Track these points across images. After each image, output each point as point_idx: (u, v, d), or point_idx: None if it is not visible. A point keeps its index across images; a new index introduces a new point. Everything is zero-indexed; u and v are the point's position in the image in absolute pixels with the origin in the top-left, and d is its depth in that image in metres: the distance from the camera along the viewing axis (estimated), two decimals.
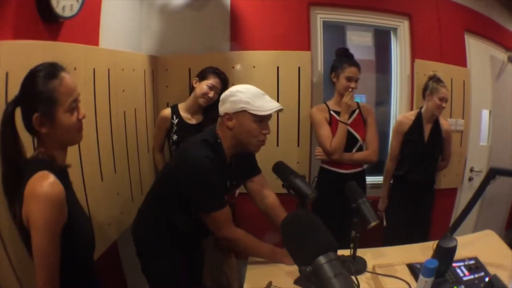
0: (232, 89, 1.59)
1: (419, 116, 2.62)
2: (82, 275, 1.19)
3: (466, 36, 3.24)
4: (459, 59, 3.18)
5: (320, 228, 0.90)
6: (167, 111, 2.42)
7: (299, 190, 1.59)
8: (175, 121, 2.40)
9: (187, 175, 1.54)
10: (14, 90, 1.14)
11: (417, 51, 2.97)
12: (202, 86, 2.33)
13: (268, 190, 1.80)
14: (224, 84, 2.36)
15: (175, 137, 2.40)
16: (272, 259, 1.62)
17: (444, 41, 3.10)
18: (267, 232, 1.75)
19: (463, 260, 1.52)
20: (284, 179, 1.65)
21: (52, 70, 1.11)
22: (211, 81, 2.33)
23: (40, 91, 1.08)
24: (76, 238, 1.12)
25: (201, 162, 1.51)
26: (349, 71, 2.39)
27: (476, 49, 3.30)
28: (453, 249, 1.37)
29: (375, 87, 3.12)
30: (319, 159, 2.56)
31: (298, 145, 2.78)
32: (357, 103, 2.53)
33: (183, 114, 2.41)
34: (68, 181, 1.20)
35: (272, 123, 2.65)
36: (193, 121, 2.42)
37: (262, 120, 1.55)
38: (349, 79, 2.39)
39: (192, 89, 2.42)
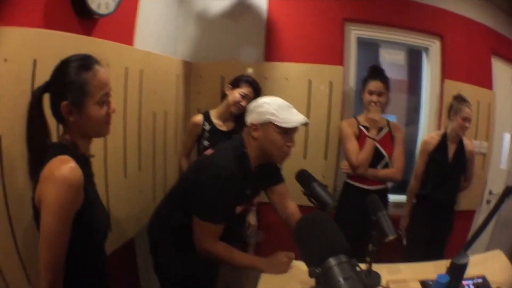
0: (259, 100, 1.61)
1: (444, 136, 2.62)
2: (90, 263, 1.18)
3: (492, 59, 3.25)
4: (486, 81, 3.18)
5: (334, 230, 0.89)
6: (199, 117, 2.43)
7: (319, 198, 1.58)
8: (207, 127, 2.40)
9: (204, 179, 1.56)
10: (42, 78, 1.15)
11: (447, 72, 2.97)
12: (235, 94, 2.33)
13: (290, 200, 1.80)
14: (257, 93, 2.36)
15: (206, 143, 2.40)
16: (255, 268, 1.60)
17: (472, 63, 3.11)
18: (291, 240, 1.75)
19: (472, 279, 1.55)
20: (305, 187, 1.65)
21: (86, 62, 1.12)
22: (244, 89, 2.33)
23: (72, 80, 1.08)
24: (89, 226, 1.12)
25: (221, 173, 1.52)
26: (371, 85, 2.41)
27: (502, 72, 3.30)
28: (465, 265, 1.36)
29: (406, 107, 3.12)
30: (345, 173, 2.56)
31: (326, 159, 2.78)
32: (387, 120, 2.53)
33: (215, 120, 2.42)
34: (89, 170, 1.21)
35: (300, 135, 2.74)
36: (224, 128, 2.42)
37: (287, 132, 1.56)
38: (370, 92, 2.40)
39: (224, 96, 2.42)
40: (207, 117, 2.43)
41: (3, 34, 1.20)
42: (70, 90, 1.08)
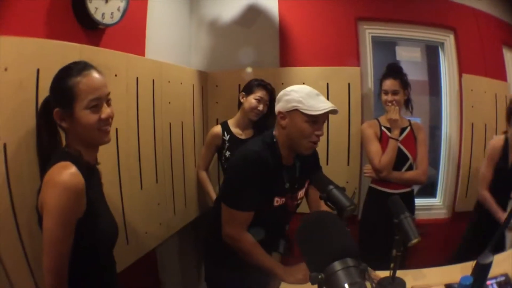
0: (288, 88, 1.58)
1: (505, 141, 2.41)
2: (95, 269, 1.17)
3: (504, 50, 3.20)
4: (500, 73, 3.13)
5: (341, 232, 0.81)
6: (218, 128, 2.38)
7: (336, 201, 1.49)
8: (227, 137, 2.35)
9: (233, 166, 1.60)
10: (47, 87, 1.17)
11: (463, 66, 2.91)
12: (251, 101, 2.28)
13: None
14: (271, 95, 2.32)
15: (227, 153, 2.35)
16: (271, 272, 1.54)
17: (486, 55, 3.06)
18: None
19: (495, 277, 1.50)
20: (322, 190, 1.57)
21: (77, 67, 1.12)
22: (259, 94, 2.28)
23: (61, 86, 1.10)
24: (91, 233, 1.11)
25: (249, 156, 1.53)
26: (385, 84, 2.37)
27: None
28: (489, 265, 1.32)
29: (429, 109, 3.07)
30: (368, 177, 2.49)
31: (348, 164, 2.71)
32: (409, 121, 2.47)
33: (234, 130, 2.37)
34: (95, 178, 1.22)
35: (321, 141, 2.62)
36: (244, 136, 2.37)
37: (315, 120, 1.51)
38: (385, 92, 2.36)
39: (240, 104, 2.37)
40: (226, 127, 2.38)
41: (4, 43, 1.20)
42: (59, 96, 1.11)
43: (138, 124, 1.94)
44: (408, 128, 2.42)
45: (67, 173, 1.03)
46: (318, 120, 1.51)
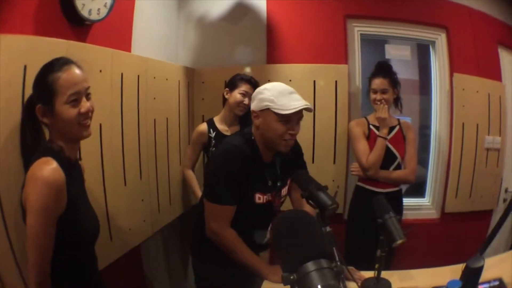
0: (262, 86, 1.58)
1: None
2: (77, 264, 1.18)
3: (499, 50, 3.15)
4: (494, 73, 3.08)
5: (315, 231, 0.80)
6: (203, 126, 2.37)
7: (318, 200, 1.44)
8: (213, 134, 2.34)
9: (212, 160, 1.62)
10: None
11: (455, 65, 2.88)
12: (236, 95, 2.27)
13: None
14: (255, 88, 2.27)
15: (214, 150, 2.33)
16: (255, 270, 1.52)
17: (480, 55, 3.02)
18: None
19: (488, 282, 1.47)
20: (303, 189, 1.52)
21: (58, 63, 1.14)
22: (243, 88, 2.27)
23: (42, 82, 1.12)
24: (72, 228, 1.12)
25: (229, 150, 1.54)
26: (374, 82, 2.35)
27: (509, 63, 3.21)
28: (480, 269, 1.30)
29: (419, 108, 3.05)
30: (355, 175, 2.47)
31: (334, 162, 2.69)
32: (398, 120, 2.45)
33: (220, 126, 2.36)
34: (77, 174, 1.22)
35: (307, 139, 2.65)
36: (230, 133, 2.35)
37: (287, 119, 1.48)
38: (374, 91, 2.34)
39: (224, 100, 2.36)
40: (211, 124, 2.37)
41: None
42: (40, 92, 1.12)
43: (122, 120, 1.93)
44: (397, 127, 2.40)
45: (47, 168, 1.04)
46: (291, 119, 1.49)
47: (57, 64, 1.13)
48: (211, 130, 2.34)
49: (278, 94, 1.49)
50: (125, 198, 1.99)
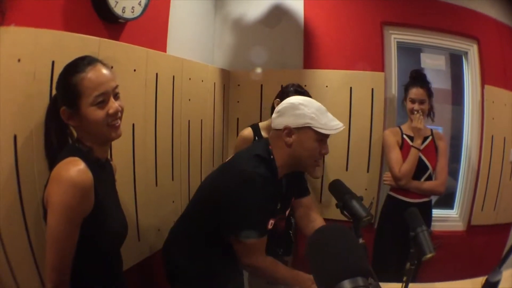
0: (292, 100, 1.43)
1: None
2: (99, 268, 1.14)
3: None
4: None
5: (353, 248, 0.76)
6: (249, 131, 2.26)
7: (353, 211, 1.43)
8: None
9: (234, 192, 1.37)
10: None
11: (486, 77, 2.87)
12: None
13: (316, 214, 1.68)
14: None
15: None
16: (297, 283, 1.44)
17: (508, 68, 3.03)
18: None
19: None
20: (338, 199, 1.51)
21: (81, 63, 1.09)
22: None
23: (65, 84, 1.08)
24: (97, 231, 1.09)
25: (252, 179, 1.34)
26: (412, 92, 2.33)
27: None
28: (498, 282, 1.30)
29: (451, 118, 3.02)
30: (387, 185, 2.45)
31: (368, 171, 2.66)
32: (431, 130, 2.44)
33: (265, 134, 2.26)
34: (106, 175, 1.18)
35: (342, 147, 2.62)
36: None
37: (324, 139, 1.41)
38: (412, 100, 2.32)
39: (272, 108, 2.25)
40: (256, 131, 2.27)
41: (18, 34, 1.18)
42: (64, 94, 1.08)
43: (156, 120, 1.90)
44: (430, 138, 2.39)
45: (75, 169, 1.00)
46: (325, 139, 1.42)
47: (81, 64, 1.08)
48: (256, 137, 2.25)
49: (317, 112, 1.39)
50: (156, 198, 1.95)
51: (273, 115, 1.46)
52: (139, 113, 1.78)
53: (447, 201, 2.92)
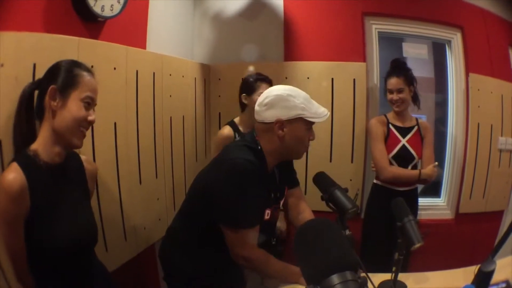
0: (278, 92, 1.40)
1: None
2: (58, 272, 1.16)
3: (510, 52, 3.16)
4: (507, 74, 3.09)
5: (340, 242, 0.76)
6: (229, 130, 2.24)
7: (338, 203, 1.43)
8: (238, 138, 2.24)
9: (224, 180, 1.36)
10: None
11: (470, 65, 2.86)
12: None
13: (305, 204, 1.67)
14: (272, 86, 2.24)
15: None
16: (286, 278, 1.42)
17: (493, 55, 3.02)
18: None
19: (496, 284, 1.45)
20: (324, 191, 1.50)
21: (82, 64, 1.18)
22: (262, 90, 2.12)
23: (66, 69, 1.14)
24: (41, 237, 1.10)
25: (242, 166, 1.34)
26: (389, 83, 2.34)
27: None
28: (492, 272, 1.28)
29: (434, 106, 3.02)
30: (373, 172, 2.45)
31: (352, 161, 2.65)
32: (416, 119, 2.43)
33: (244, 129, 2.26)
34: (57, 178, 1.16)
35: (325, 138, 2.61)
36: None
37: (311, 127, 1.43)
38: (390, 91, 2.34)
39: (243, 105, 2.26)
40: (235, 128, 2.26)
41: (0, 39, 1.19)
42: (61, 76, 1.13)
43: (137, 118, 1.90)
44: (416, 127, 2.39)
45: (8, 176, 1.05)
46: (311, 126, 1.44)
47: (83, 65, 1.18)
48: (236, 134, 2.24)
49: (306, 101, 1.39)
50: (140, 196, 1.95)
51: (258, 108, 1.45)
52: (121, 111, 1.78)
53: (433, 189, 2.91)
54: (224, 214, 1.39)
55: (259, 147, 1.43)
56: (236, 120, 2.30)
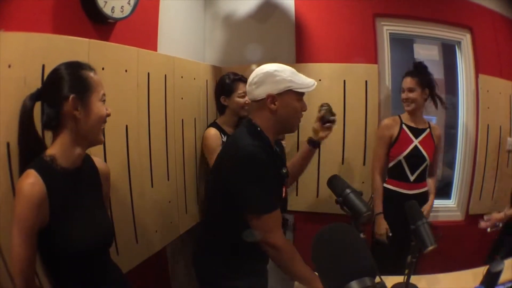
0: (265, 69, 1.44)
1: None
2: (76, 275, 1.16)
3: None
4: None
5: (360, 248, 0.76)
6: (215, 131, 2.26)
7: (353, 207, 1.43)
8: (224, 138, 2.27)
9: (239, 167, 1.38)
10: None
11: (480, 66, 2.86)
12: (238, 100, 2.23)
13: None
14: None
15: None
16: (307, 281, 1.40)
17: (502, 56, 3.02)
18: None
19: (503, 284, 1.46)
20: (338, 194, 1.51)
21: (84, 64, 1.16)
22: (240, 90, 2.22)
23: (77, 74, 1.12)
24: (59, 242, 1.10)
25: (253, 152, 1.37)
26: (403, 81, 2.37)
27: None
28: (500, 273, 1.31)
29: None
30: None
31: (364, 164, 2.64)
32: (428, 122, 2.45)
33: (227, 129, 2.29)
34: (73, 183, 1.16)
35: (337, 139, 2.60)
36: None
37: (301, 98, 1.47)
38: (402, 90, 2.38)
39: (222, 107, 2.29)
40: (220, 128, 2.28)
41: (7, 39, 1.17)
42: (72, 83, 1.10)
43: (149, 121, 1.88)
44: (428, 130, 2.41)
45: (26, 183, 1.04)
46: (302, 97, 1.48)
47: (85, 65, 1.16)
48: (222, 134, 2.26)
49: (292, 73, 1.44)
50: (152, 199, 1.94)
51: (249, 88, 1.49)
52: (132, 114, 1.77)
53: (444, 191, 2.91)
54: (245, 202, 1.40)
55: (259, 129, 1.46)
56: (219, 120, 2.33)
